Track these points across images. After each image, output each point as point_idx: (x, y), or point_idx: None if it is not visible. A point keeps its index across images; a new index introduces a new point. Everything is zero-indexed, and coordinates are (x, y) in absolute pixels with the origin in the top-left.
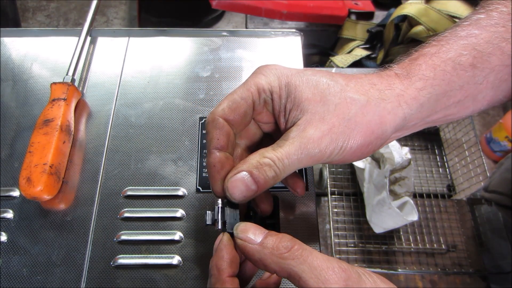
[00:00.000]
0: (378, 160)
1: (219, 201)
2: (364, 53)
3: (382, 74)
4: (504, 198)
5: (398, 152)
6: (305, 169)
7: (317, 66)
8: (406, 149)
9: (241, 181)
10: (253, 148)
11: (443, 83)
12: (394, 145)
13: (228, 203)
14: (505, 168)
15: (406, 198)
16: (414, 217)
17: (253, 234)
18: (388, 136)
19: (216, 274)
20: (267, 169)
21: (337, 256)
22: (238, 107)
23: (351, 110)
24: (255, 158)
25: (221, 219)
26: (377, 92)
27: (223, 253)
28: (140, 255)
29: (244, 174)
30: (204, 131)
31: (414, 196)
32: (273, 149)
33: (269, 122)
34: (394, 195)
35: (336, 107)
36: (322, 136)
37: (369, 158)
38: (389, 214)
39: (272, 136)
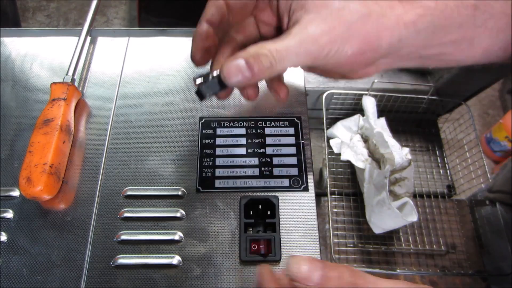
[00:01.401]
0: (378, 161)
1: (215, 73)
2: None
3: None
4: (509, 197)
5: (399, 153)
6: (305, 168)
7: None
8: (406, 150)
9: (236, 67)
10: (247, 46)
11: (442, 16)
12: (394, 146)
13: (219, 82)
14: (509, 169)
15: (406, 199)
16: (413, 217)
17: (308, 271)
18: (382, 52)
19: None
20: (264, 59)
21: (336, 256)
22: None
23: (352, 18)
24: (254, 48)
25: (204, 84)
26: (379, 8)
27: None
28: (140, 255)
29: (240, 61)
30: (204, 131)
31: (414, 196)
32: (273, 42)
33: (270, 23)
34: (394, 195)
35: (338, 12)
36: (322, 35)
37: (369, 159)
38: (388, 215)
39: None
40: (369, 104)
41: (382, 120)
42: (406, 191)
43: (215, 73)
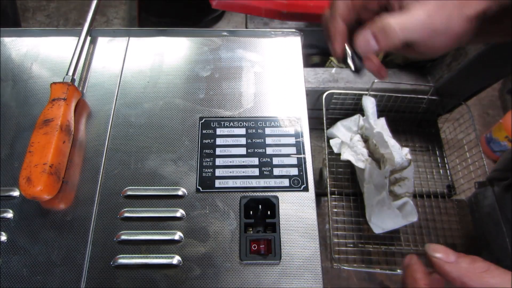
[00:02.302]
0: (378, 161)
1: (348, 49)
2: None
3: None
4: (503, 173)
5: (398, 153)
6: (305, 168)
7: (317, 66)
8: (406, 150)
9: (364, 39)
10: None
11: None
12: (394, 146)
13: (354, 53)
14: (509, 151)
15: (406, 199)
16: (414, 218)
17: (446, 254)
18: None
19: (412, 283)
20: (389, 31)
21: (336, 256)
22: None
23: (451, 6)
24: (380, 21)
25: (352, 63)
26: None
27: (416, 267)
28: (140, 255)
29: (368, 34)
30: (204, 131)
31: (414, 196)
32: (395, 16)
33: (373, 10)
34: (394, 195)
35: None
36: (436, 15)
37: (369, 159)
38: (388, 215)
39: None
40: (369, 104)
41: (382, 120)
42: (406, 191)
43: (348, 50)
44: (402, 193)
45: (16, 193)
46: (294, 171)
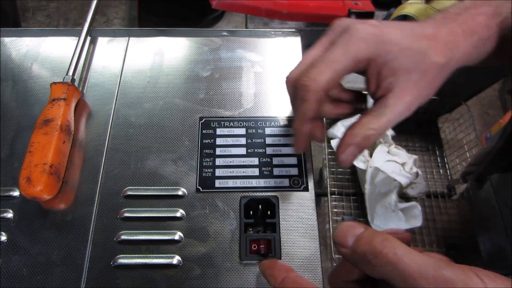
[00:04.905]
0: None
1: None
2: None
3: (465, 30)
4: (473, 167)
5: (402, 174)
6: (305, 169)
7: None
8: (410, 163)
9: (350, 154)
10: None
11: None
12: (394, 171)
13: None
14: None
15: (415, 203)
16: (418, 223)
17: (344, 237)
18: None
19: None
20: (372, 137)
21: (337, 256)
22: (339, 76)
23: (433, 73)
24: (361, 130)
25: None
26: (451, 53)
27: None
28: (140, 255)
29: (352, 148)
30: (204, 131)
31: (415, 198)
32: (376, 119)
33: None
34: (407, 198)
35: (425, 72)
36: (414, 101)
37: (370, 159)
38: (392, 218)
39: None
40: (368, 104)
41: None
42: (419, 191)
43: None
44: (416, 194)
45: (16, 193)
46: (294, 171)
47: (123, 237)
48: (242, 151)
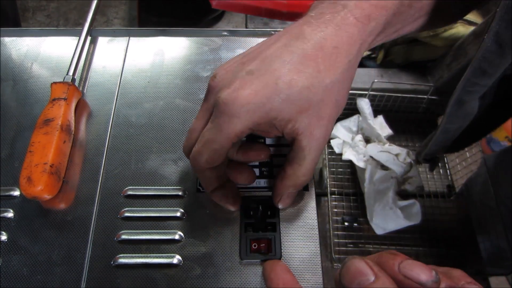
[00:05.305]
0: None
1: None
2: (364, 53)
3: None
4: (422, 148)
5: (397, 164)
6: None
7: None
8: (404, 153)
9: (288, 200)
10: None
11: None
12: (388, 160)
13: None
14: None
15: (414, 201)
16: (416, 220)
17: (350, 283)
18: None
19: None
20: (304, 183)
21: (336, 256)
22: (220, 155)
23: (331, 92)
24: (291, 182)
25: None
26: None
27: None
28: (140, 255)
29: (287, 196)
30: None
31: (414, 196)
32: (301, 166)
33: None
34: (406, 194)
35: (323, 101)
36: (327, 129)
37: (370, 159)
38: (390, 216)
39: None
40: (364, 105)
41: (380, 118)
42: (416, 185)
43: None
44: (414, 189)
45: (16, 192)
46: None
47: (123, 236)
48: None
